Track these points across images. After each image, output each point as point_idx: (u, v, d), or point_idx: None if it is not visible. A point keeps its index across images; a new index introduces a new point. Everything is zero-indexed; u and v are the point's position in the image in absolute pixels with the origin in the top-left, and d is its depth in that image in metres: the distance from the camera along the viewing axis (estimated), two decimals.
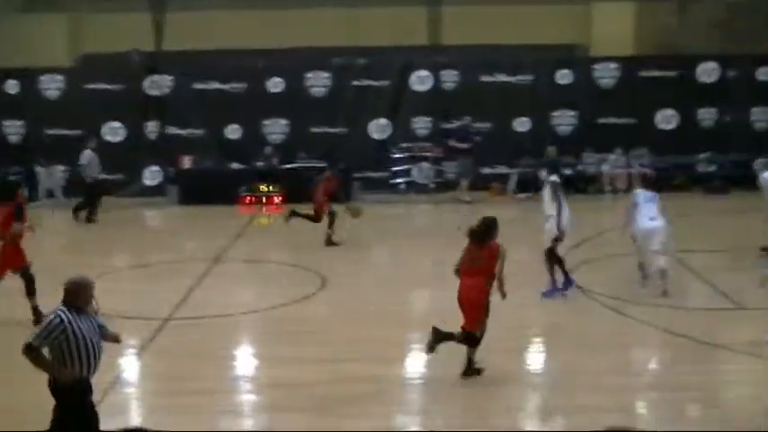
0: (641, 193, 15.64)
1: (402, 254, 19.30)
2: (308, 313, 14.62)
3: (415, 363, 12.54)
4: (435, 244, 19.68)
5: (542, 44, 31.28)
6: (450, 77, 25.91)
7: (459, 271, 11.76)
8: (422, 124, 25.87)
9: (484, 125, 25.42)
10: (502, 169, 25.45)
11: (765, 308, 14.12)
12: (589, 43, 35.90)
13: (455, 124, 25.29)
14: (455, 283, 11.43)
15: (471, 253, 11.75)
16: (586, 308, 14.70)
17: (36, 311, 13.44)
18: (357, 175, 25.09)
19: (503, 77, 26.00)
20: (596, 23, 35.41)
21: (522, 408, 11.10)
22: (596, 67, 26.15)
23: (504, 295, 11.72)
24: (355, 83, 25.97)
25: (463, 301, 11.67)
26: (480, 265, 11.61)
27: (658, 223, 15.14)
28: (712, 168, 25.86)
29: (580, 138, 25.73)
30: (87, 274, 8.61)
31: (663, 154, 25.50)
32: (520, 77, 25.92)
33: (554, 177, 15.60)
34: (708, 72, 26.02)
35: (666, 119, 26.01)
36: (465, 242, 11.75)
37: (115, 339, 8.88)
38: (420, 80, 25.94)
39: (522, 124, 25.80)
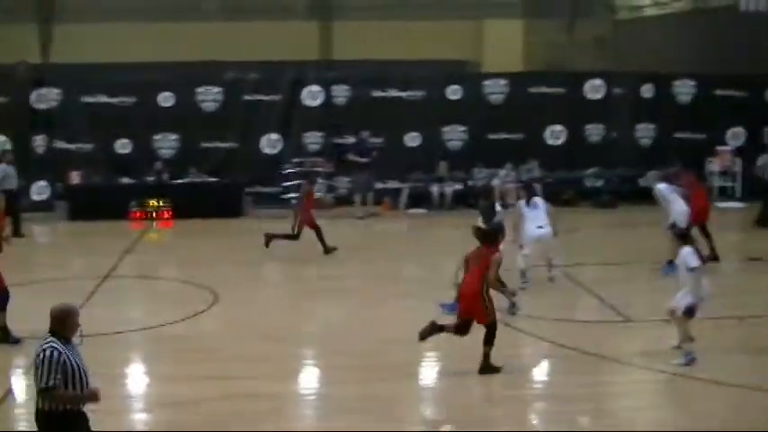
0: (524, 204, 15.87)
1: (294, 269, 19.22)
2: (199, 330, 14.45)
3: (308, 379, 12.49)
4: (328, 259, 19.69)
5: (434, 59, 31.61)
6: (341, 92, 25.87)
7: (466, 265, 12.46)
8: (313, 139, 25.77)
9: (375, 140, 25.45)
10: (393, 184, 25.51)
11: (652, 320, 14.42)
12: (480, 59, 36.43)
13: (353, 139, 25.22)
14: (348, 297, 11.44)
15: (475, 252, 12.46)
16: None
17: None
18: (249, 190, 24.92)
19: (394, 92, 26.05)
20: (487, 40, 35.97)
21: (414, 422, 11.11)
22: (486, 83, 26.38)
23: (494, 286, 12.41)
24: (246, 97, 25.74)
25: (463, 295, 12.35)
26: (478, 263, 12.27)
27: (546, 230, 15.32)
28: (600, 183, 26.32)
29: (470, 153, 25.92)
30: None
31: (552, 169, 25.87)
32: (411, 93, 26.00)
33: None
34: (595, 89, 26.49)
35: (555, 134, 26.39)
36: (354, 256, 11.75)
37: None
38: (311, 95, 25.85)
39: (413, 139, 25.88)
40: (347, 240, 21.97)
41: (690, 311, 12.41)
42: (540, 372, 13.13)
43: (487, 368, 12.12)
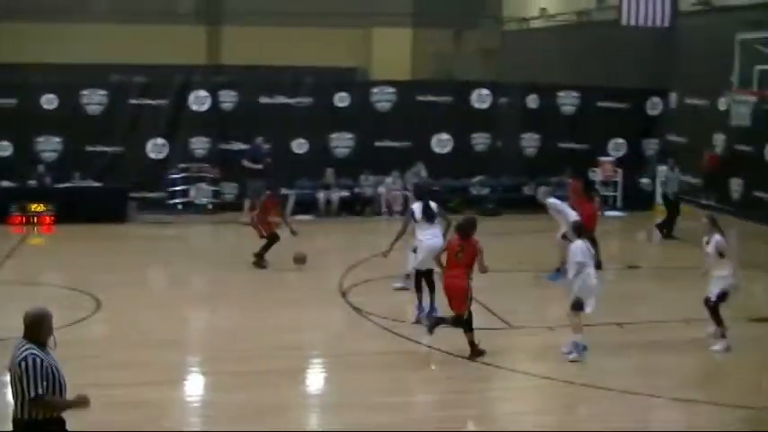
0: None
1: (179, 275, 19.05)
2: (81, 337, 14.18)
3: (194, 386, 12.39)
4: (213, 265, 19.58)
5: (324, 66, 31.66)
6: (228, 98, 25.68)
7: (439, 262, 13.76)
8: (200, 144, 25.51)
9: (264, 146, 25.30)
10: (281, 191, 25.33)
11: (534, 326, 14.68)
12: (369, 67, 36.62)
13: (242, 145, 25.00)
14: (235, 304, 11.40)
15: (455, 248, 13.44)
16: (361, 328, 14.88)
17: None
18: (133, 195, 24.55)
19: (282, 99, 25.94)
20: (376, 48, 36.17)
21: (302, 428, 11.12)
22: (374, 90, 26.49)
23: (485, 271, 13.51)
24: (132, 101, 25.36)
25: (448, 289, 13.30)
26: (462, 258, 13.26)
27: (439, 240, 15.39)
28: (485, 191, 26.64)
29: (358, 160, 25.99)
30: None
31: (438, 177, 26.10)
32: (299, 99, 25.95)
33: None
34: (481, 98, 26.81)
35: (441, 143, 26.63)
36: (241, 263, 11.72)
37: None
38: (198, 100, 25.58)
39: (300, 146, 25.81)
40: (234, 247, 21.89)
41: (577, 305, 12.93)
42: (425, 378, 13.24)
43: (476, 353, 13.09)
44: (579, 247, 13.43)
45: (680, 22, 27.26)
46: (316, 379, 13.09)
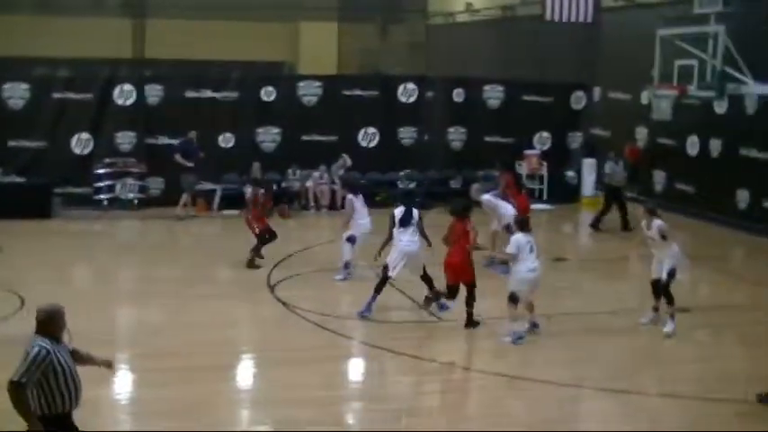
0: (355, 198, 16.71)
1: (105, 271, 18.87)
2: (4, 336, 13.99)
3: (122, 383, 12.31)
4: (140, 260, 19.46)
5: (250, 61, 31.55)
6: (154, 92, 25.45)
7: (446, 240, 14.66)
8: (125, 139, 25.24)
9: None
10: (207, 185, 25.19)
11: (463, 319, 14.81)
12: (296, 61, 36.54)
13: (168, 140, 24.76)
14: (161, 299, 11.33)
15: (454, 227, 14.58)
16: (290, 323, 14.90)
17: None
18: (58, 190, 24.25)
19: (208, 93, 25.79)
20: (303, 42, 36.12)
21: (229, 424, 11.11)
22: (301, 84, 26.47)
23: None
24: (56, 95, 25.00)
25: (449, 265, 14.45)
26: (459, 238, 14.42)
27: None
28: (412, 185, 26.77)
29: (284, 154, 25.94)
30: None
31: (365, 171, 26.18)
32: (225, 94, 25.82)
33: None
34: (408, 92, 26.94)
35: (368, 137, 26.71)
36: (167, 257, 11.66)
37: (107, 364, 8.61)
38: (124, 94, 25.31)
39: (226, 140, 25.69)
40: (161, 242, 21.79)
41: (512, 298, 13.69)
42: (355, 372, 13.31)
43: (471, 323, 14.45)
44: (517, 240, 13.84)
45: (603, 17, 27.62)
46: (244, 374, 13.09)
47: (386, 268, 15.24)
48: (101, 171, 24.64)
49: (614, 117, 28.94)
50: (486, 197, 18.55)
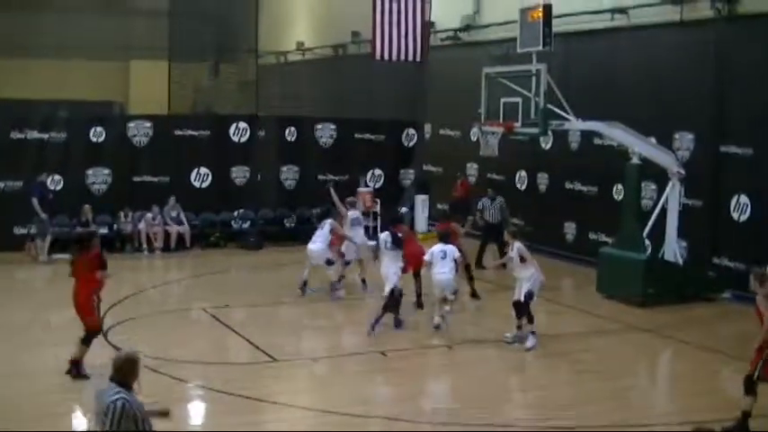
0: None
1: None
2: None
3: None
4: None
5: (80, 100, 30.91)
6: None
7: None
8: None
9: (15, 183, 24.45)
10: (29, 229, 24.40)
11: (296, 359, 14.81)
12: (127, 101, 36.03)
13: (36, 181, 23.94)
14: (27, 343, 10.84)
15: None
16: None
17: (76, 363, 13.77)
18: None
19: (34, 134, 25.10)
20: (134, 81, 35.66)
21: None
22: (131, 125, 26.06)
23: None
24: None
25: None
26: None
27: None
28: (246, 225, 26.64)
29: (116, 196, 25.46)
30: None
31: (199, 211, 25.97)
32: (53, 134, 25.17)
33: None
34: (240, 131, 26.86)
35: (201, 177, 26.48)
36: None
37: (164, 414, 8.23)
38: None
39: (55, 182, 25.02)
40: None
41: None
42: (195, 416, 13.11)
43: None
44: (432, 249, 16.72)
45: (432, 55, 28.16)
46: (80, 422, 12.72)
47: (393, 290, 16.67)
48: None
49: (445, 154, 29.51)
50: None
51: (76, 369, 13.75)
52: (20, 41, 27.89)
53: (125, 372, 7.77)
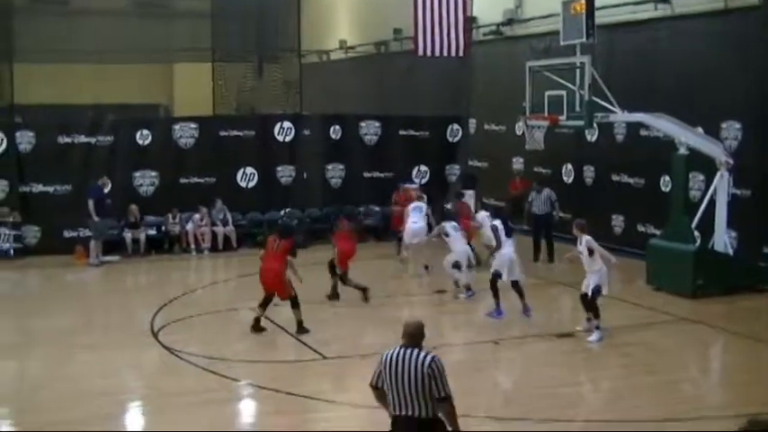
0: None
1: None
2: None
3: None
4: (18, 311, 18.98)
5: (125, 104, 31.20)
6: (26, 139, 24.87)
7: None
8: None
9: (64, 187, 24.72)
10: (87, 232, 24.67)
11: (345, 356, 14.85)
12: (172, 103, 36.29)
13: (94, 184, 24.18)
14: (41, 351, 11.02)
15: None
16: (177, 368, 14.70)
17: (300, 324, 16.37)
18: None
19: (82, 138, 25.35)
20: (177, 84, 35.91)
21: None
22: (176, 126, 26.24)
23: None
24: None
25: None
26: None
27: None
28: (293, 224, 26.68)
29: (163, 197, 25.67)
30: None
31: (245, 211, 26.10)
32: (100, 138, 25.41)
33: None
34: (284, 131, 26.93)
35: (247, 177, 26.59)
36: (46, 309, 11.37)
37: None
38: None
39: (103, 186, 25.17)
40: (39, 291, 21.36)
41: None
42: (246, 414, 13.19)
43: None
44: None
45: (474, 50, 28.10)
46: (129, 423, 12.84)
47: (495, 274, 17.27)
48: None
49: (490, 149, 29.43)
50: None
51: (300, 328, 16.31)
52: (65, 47, 28.10)
53: (418, 335, 8.26)
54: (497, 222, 17.62)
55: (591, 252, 15.68)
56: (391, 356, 8.18)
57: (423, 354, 8.12)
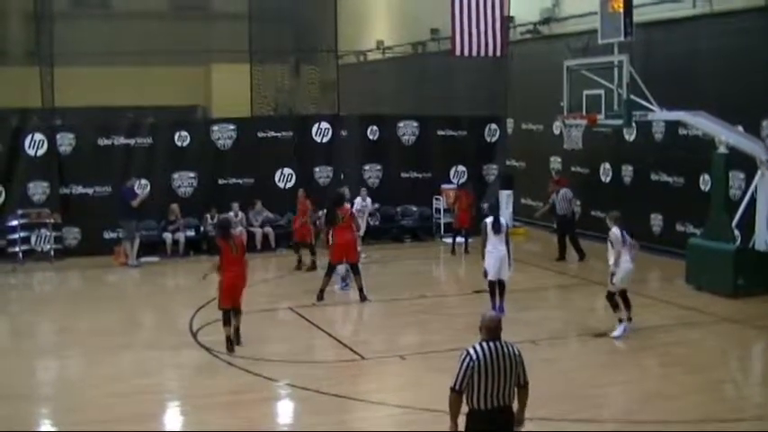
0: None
1: (24, 325, 18.51)
2: None
3: None
4: (58, 312, 19.14)
5: (163, 105, 31.35)
6: (66, 141, 25.11)
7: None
8: (38, 189, 24.84)
9: (104, 189, 24.91)
10: (118, 234, 24.82)
11: (383, 356, 14.84)
12: (210, 104, 36.41)
13: (127, 184, 24.39)
14: (82, 351, 11.10)
15: None
16: (216, 368, 14.76)
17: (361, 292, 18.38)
18: None
19: (121, 140, 25.54)
20: (215, 85, 36.02)
21: None
22: (214, 128, 26.36)
23: None
24: None
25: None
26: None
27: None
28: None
29: (202, 198, 25.78)
30: None
31: (284, 212, 26.14)
32: (139, 139, 25.60)
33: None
34: (322, 132, 26.99)
35: (285, 177, 26.66)
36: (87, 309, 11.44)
37: None
38: (35, 143, 24.94)
39: (142, 187, 25.35)
40: (79, 292, 21.51)
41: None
42: (283, 414, 13.22)
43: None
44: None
45: (512, 50, 28.04)
46: (168, 422, 12.91)
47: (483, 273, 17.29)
48: (14, 223, 24.23)
49: (528, 148, 29.35)
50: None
51: (362, 294, 18.29)
52: (103, 49, 28.30)
53: (496, 330, 8.40)
54: (487, 220, 17.45)
55: (611, 244, 15.83)
56: (483, 352, 8.27)
57: (508, 344, 8.38)
